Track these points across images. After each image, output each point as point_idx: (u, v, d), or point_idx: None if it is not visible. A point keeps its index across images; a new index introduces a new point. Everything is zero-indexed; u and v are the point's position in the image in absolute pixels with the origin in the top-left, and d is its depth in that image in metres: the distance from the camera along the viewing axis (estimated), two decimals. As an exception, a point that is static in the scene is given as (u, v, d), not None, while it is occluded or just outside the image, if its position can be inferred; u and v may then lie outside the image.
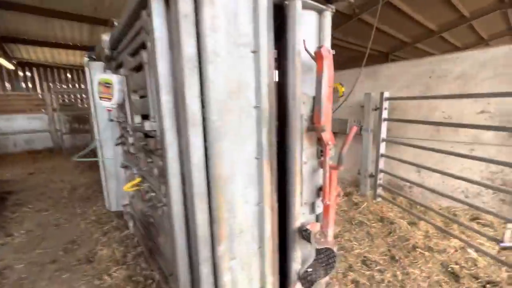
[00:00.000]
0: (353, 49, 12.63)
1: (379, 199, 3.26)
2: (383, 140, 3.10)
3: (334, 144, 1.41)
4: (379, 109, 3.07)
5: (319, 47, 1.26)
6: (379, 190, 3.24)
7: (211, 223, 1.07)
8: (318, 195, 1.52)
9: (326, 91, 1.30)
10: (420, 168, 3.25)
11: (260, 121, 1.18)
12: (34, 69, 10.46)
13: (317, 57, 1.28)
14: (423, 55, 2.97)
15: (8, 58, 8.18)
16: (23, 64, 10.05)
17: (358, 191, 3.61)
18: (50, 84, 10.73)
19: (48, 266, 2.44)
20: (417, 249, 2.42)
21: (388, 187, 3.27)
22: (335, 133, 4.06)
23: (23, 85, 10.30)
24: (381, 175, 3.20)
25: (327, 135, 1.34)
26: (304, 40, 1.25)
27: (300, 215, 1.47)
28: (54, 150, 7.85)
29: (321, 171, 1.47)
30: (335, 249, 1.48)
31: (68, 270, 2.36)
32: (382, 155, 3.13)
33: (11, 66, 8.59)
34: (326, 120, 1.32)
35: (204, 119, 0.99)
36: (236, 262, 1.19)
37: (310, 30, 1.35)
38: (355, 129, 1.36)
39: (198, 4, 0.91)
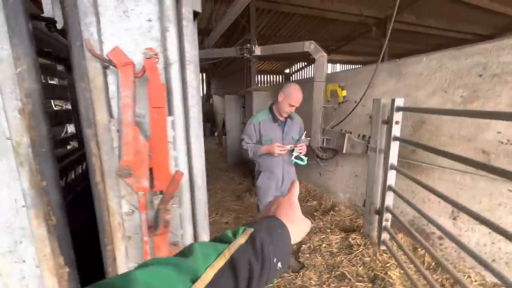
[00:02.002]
0: (435, 35, 10.14)
1: (384, 247, 2.34)
2: (392, 167, 2.17)
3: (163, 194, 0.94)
4: (388, 123, 2.16)
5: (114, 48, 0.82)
6: (385, 235, 2.32)
7: None
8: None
9: (127, 115, 0.84)
10: (457, 214, 2.15)
11: (20, 159, 0.85)
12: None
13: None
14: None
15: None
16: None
17: (363, 229, 2.71)
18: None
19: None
20: None
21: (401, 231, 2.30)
22: (335, 150, 3.20)
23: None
24: (388, 215, 2.28)
25: (136, 181, 0.89)
26: (88, 40, 0.83)
27: None
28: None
29: (178, 222, 1.02)
30: None
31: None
32: (390, 188, 2.21)
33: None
34: (131, 159, 0.87)
35: None
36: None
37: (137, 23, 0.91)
38: (179, 176, 0.85)
39: None
